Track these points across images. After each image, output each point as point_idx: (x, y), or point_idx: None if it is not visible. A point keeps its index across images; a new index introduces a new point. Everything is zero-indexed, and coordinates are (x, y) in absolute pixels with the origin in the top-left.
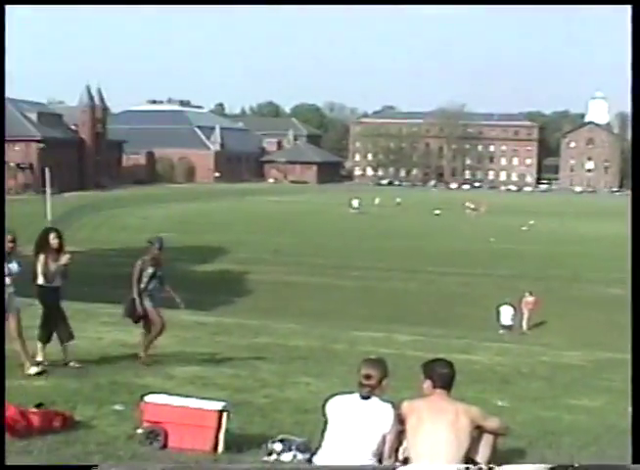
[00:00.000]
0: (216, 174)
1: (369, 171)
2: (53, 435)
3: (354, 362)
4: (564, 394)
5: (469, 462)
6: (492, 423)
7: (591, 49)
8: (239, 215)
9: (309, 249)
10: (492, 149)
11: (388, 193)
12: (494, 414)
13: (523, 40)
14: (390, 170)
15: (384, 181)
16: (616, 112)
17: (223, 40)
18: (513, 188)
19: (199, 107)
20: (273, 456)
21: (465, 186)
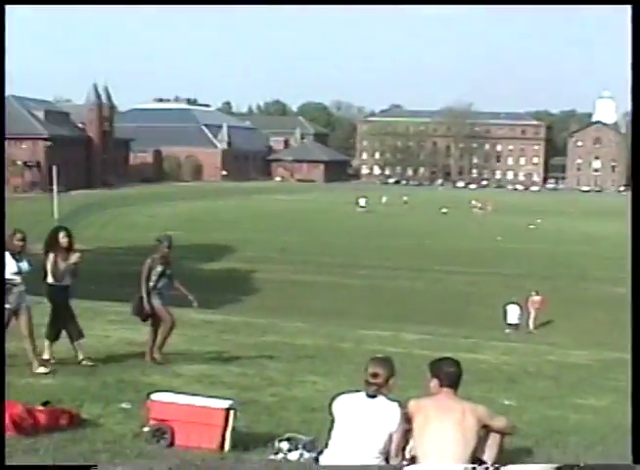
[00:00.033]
0: (223, 173)
1: (376, 170)
2: (59, 433)
3: (361, 361)
4: (570, 393)
5: (475, 461)
6: (499, 422)
7: (598, 49)
8: (246, 214)
9: (316, 247)
10: (499, 148)
11: (395, 192)
12: (501, 413)
13: (527, 40)
14: (398, 169)
15: (391, 180)
16: (623, 111)
17: (230, 39)
18: (520, 187)
19: (206, 105)
20: (280, 455)
21: (472, 185)
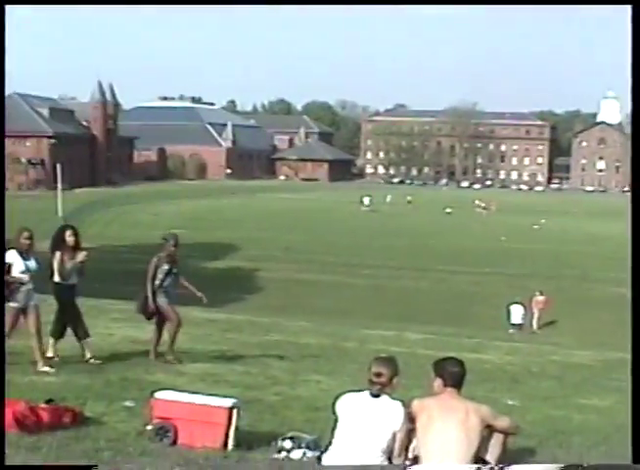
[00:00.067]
0: (228, 171)
1: (380, 170)
2: (63, 431)
3: (365, 360)
4: (574, 393)
5: (479, 461)
6: (502, 422)
7: (600, 49)
8: (250, 213)
9: (320, 246)
10: (504, 148)
11: (399, 191)
12: (504, 413)
13: (528, 40)
14: (402, 169)
15: (395, 179)
16: (627, 112)
17: (234, 39)
18: (524, 187)
19: (210, 103)
20: (283, 454)
21: (476, 185)
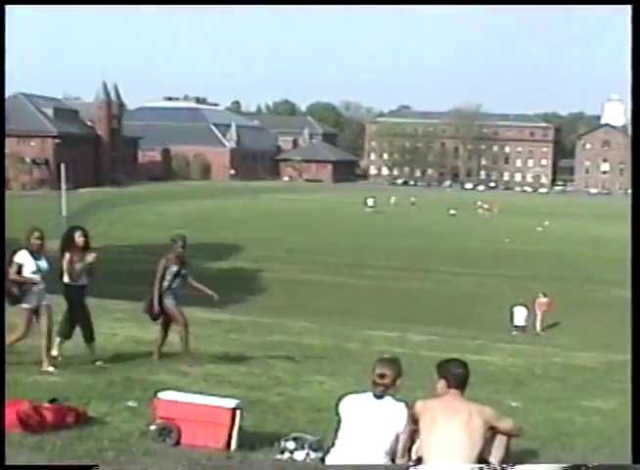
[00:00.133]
0: (232, 172)
1: (384, 171)
2: (66, 431)
3: (368, 361)
4: (577, 395)
5: (482, 463)
6: (506, 424)
7: (603, 49)
8: (254, 213)
9: (323, 247)
10: (508, 150)
11: (403, 192)
12: (507, 415)
13: (530, 40)
14: (406, 170)
15: (399, 181)
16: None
17: (237, 39)
18: (528, 189)
19: (215, 104)
20: (286, 454)
21: (480, 187)
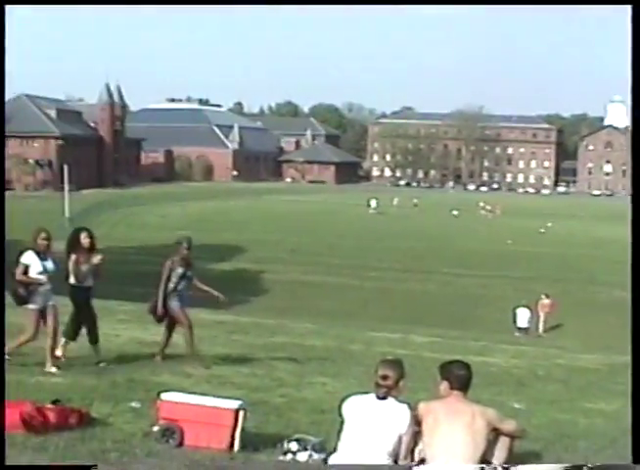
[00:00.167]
0: (234, 173)
1: (387, 172)
2: (69, 432)
3: (371, 363)
4: (580, 397)
5: (484, 464)
6: (508, 425)
7: (605, 50)
8: (256, 214)
9: (326, 249)
10: (510, 151)
11: (405, 194)
12: (510, 417)
13: (532, 41)
14: (408, 171)
15: (401, 182)
16: None
17: (242, 40)
18: (531, 190)
19: (217, 105)
20: (289, 456)
21: (483, 188)
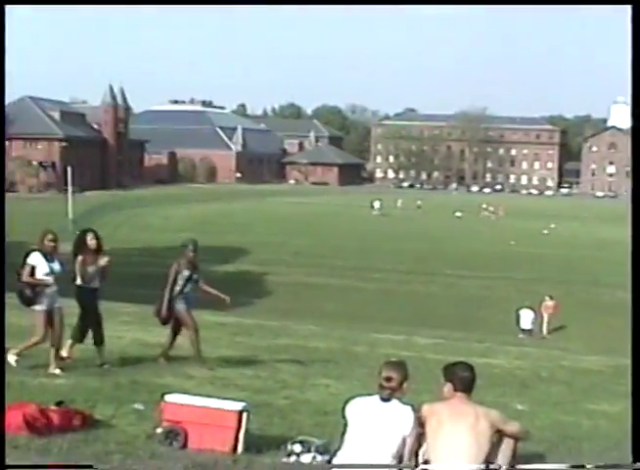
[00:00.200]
0: (238, 175)
1: (390, 174)
2: (73, 433)
3: (374, 365)
4: (583, 399)
5: (488, 466)
6: (512, 427)
7: (607, 50)
8: (260, 216)
9: (329, 250)
10: (514, 152)
11: (408, 195)
12: (514, 418)
13: (535, 43)
14: (412, 173)
15: (405, 184)
16: None
17: (245, 41)
18: (534, 192)
19: (221, 107)
20: (292, 457)
21: (486, 189)
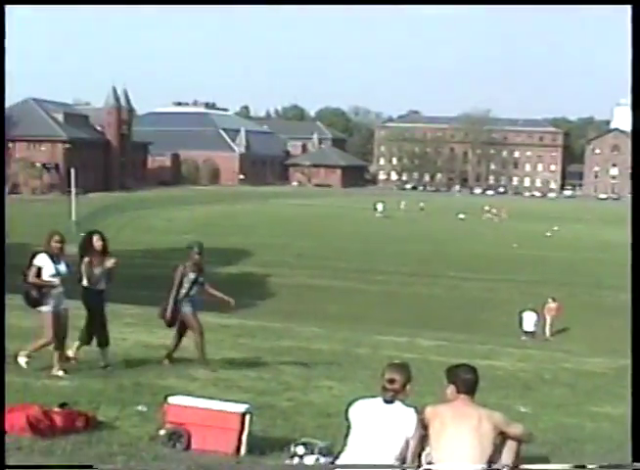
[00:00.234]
0: (241, 177)
1: (393, 176)
2: (76, 435)
3: (377, 367)
4: (586, 401)
5: (491, 468)
6: (515, 429)
7: (614, 53)
8: (263, 218)
9: (333, 252)
10: (517, 154)
11: (412, 198)
12: (517, 420)
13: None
14: (415, 175)
15: (408, 186)
16: None
17: (248, 43)
18: (537, 194)
19: (224, 109)
20: (296, 459)
21: (489, 192)
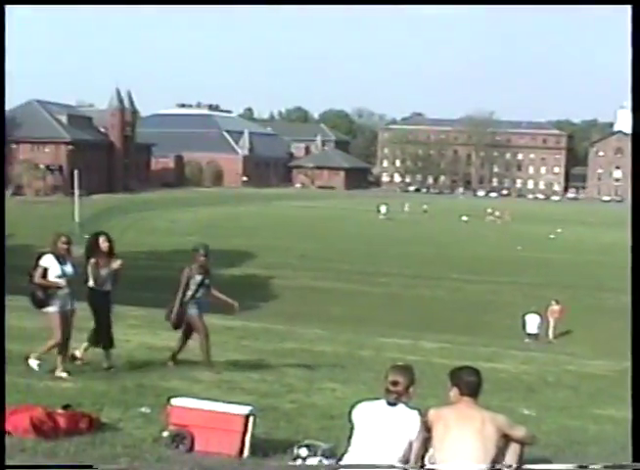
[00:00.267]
0: (244, 179)
1: (397, 178)
2: (79, 436)
3: (380, 369)
4: (590, 403)
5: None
6: (519, 432)
7: (618, 55)
8: (266, 220)
9: (336, 254)
10: (520, 157)
11: (415, 200)
12: (520, 423)
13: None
14: (418, 177)
15: (411, 188)
16: None
17: (252, 45)
18: (540, 196)
19: (228, 111)
20: (299, 461)
21: (492, 194)
